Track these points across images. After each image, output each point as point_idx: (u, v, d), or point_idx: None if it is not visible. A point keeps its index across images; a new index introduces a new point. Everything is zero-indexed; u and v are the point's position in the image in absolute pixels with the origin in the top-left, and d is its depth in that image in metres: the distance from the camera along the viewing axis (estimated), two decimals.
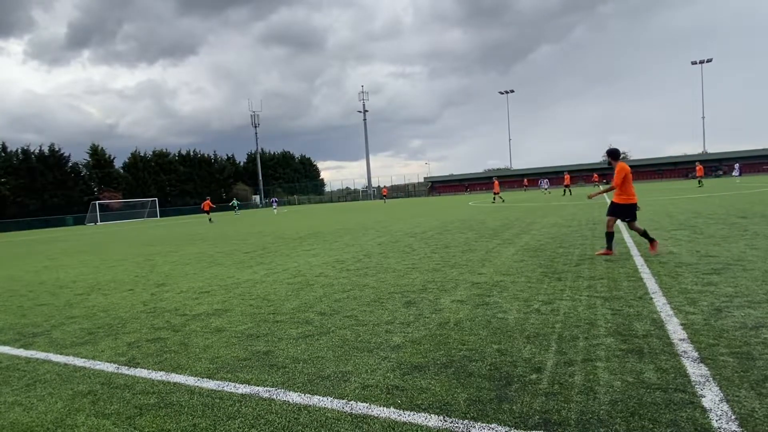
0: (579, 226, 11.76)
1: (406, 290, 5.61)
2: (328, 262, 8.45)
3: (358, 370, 3.18)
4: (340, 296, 5.52)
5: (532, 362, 3.12)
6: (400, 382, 2.93)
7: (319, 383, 3.01)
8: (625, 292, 4.83)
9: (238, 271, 8.05)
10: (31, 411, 2.93)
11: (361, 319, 4.47)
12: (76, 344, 4.29)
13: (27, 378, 3.51)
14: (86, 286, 7.65)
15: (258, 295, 5.90)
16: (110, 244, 17.75)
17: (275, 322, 4.56)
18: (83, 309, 5.83)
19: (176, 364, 3.57)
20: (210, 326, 4.58)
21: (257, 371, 3.30)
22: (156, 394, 3.02)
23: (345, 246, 10.88)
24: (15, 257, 14.68)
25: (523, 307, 4.51)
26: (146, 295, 6.48)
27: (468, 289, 5.42)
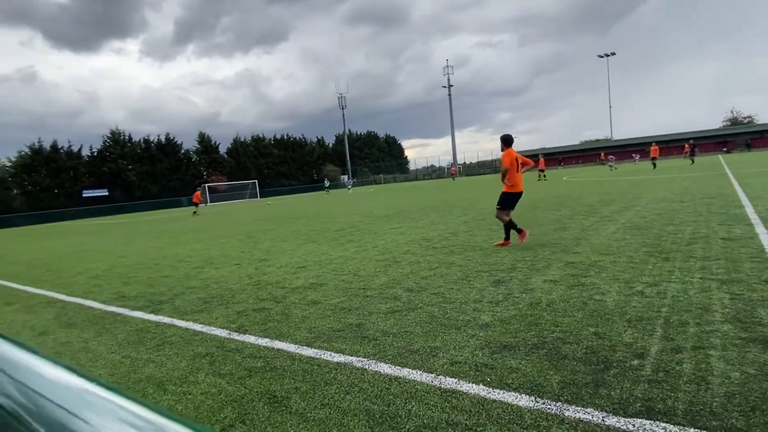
0: (692, 201, 10.54)
1: (494, 269, 5.50)
2: (415, 239, 8.52)
3: (447, 346, 3.22)
4: (427, 273, 5.56)
5: (633, 347, 2.91)
6: (489, 360, 2.91)
7: (408, 357, 3.10)
8: (747, 274, 4.28)
9: (331, 248, 8.44)
10: (161, 367, 3.39)
11: (449, 296, 4.48)
12: (195, 311, 4.85)
13: (157, 339, 4.06)
14: (200, 260, 8.56)
15: (349, 271, 6.16)
16: (218, 223, 19.57)
17: (365, 297, 4.74)
18: (199, 281, 6.54)
19: (279, 332, 3.89)
20: (307, 299, 4.90)
21: (350, 342, 3.48)
22: (262, 359, 3.33)
23: (431, 224, 10.88)
24: (142, 235, 16.84)
25: (624, 288, 4.20)
26: (251, 269, 7.08)
27: (561, 269, 5.17)
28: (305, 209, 23.38)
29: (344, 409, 2.48)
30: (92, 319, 4.95)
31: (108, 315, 5.08)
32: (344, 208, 20.06)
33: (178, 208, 55.73)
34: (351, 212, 17.49)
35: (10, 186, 51.66)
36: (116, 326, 4.59)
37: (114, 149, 60.73)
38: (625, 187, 17.21)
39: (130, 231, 19.86)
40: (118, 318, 4.91)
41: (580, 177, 30.26)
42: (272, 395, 2.74)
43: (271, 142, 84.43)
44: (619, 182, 20.59)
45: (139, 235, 16.58)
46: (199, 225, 19.14)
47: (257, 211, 26.32)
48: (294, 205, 30.68)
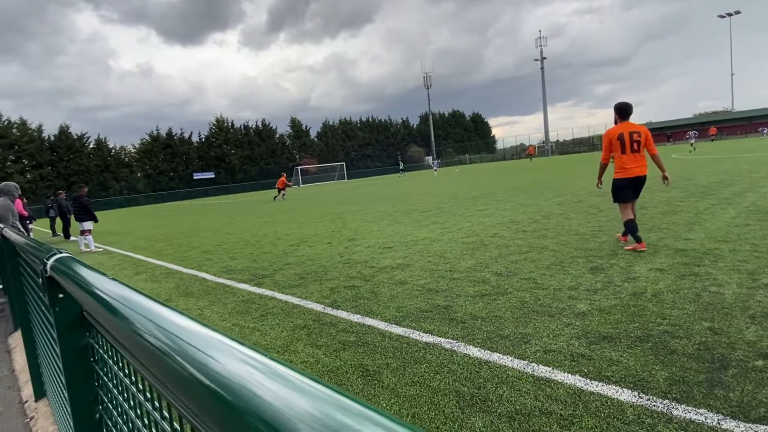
0: None
1: (592, 255, 5.17)
2: (503, 222, 8.28)
3: (539, 333, 3.12)
4: (517, 258, 5.40)
5: (757, 347, 2.58)
6: (586, 351, 2.77)
7: (498, 341, 3.05)
8: None
9: (416, 229, 8.51)
10: (265, 336, 3.71)
11: (541, 282, 4.32)
12: (293, 286, 5.20)
13: (261, 310, 4.43)
14: (296, 238, 9.12)
15: (435, 253, 6.17)
16: (310, 203, 20.61)
17: (452, 279, 4.73)
18: (295, 258, 6.98)
19: (368, 309, 4.04)
20: (394, 279, 5.02)
21: (438, 323, 3.51)
22: (354, 333, 3.50)
23: (520, 206, 10.47)
24: (244, 213, 18.29)
25: (747, 280, 3.72)
26: (341, 248, 7.40)
27: (670, 257, 4.72)
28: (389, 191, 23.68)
29: (434, 387, 2.53)
30: (206, 290, 5.53)
31: (218, 286, 5.64)
32: (428, 190, 20.00)
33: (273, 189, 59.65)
34: (435, 194, 17.40)
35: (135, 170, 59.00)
36: (226, 296, 5.09)
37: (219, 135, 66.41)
38: (750, 165, 15.02)
39: (233, 210, 21.70)
40: (227, 289, 5.43)
41: (694, 154, 26.95)
42: (365, 369, 2.87)
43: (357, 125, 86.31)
44: (740, 160, 18.02)
45: (242, 215, 18.04)
46: (292, 205, 20.32)
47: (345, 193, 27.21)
48: (379, 186, 31.22)
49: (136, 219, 23.90)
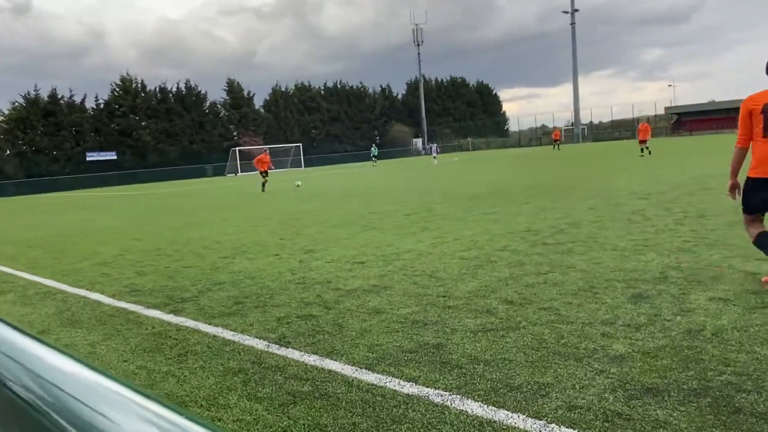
0: None
1: (634, 278, 5.28)
2: (516, 231, 8.40)
3: (562, 383, 3.16)
4: (534, 280, 5.48)
5: None
6: (624, 408, 2.83)
7: (506, 394, 3.09)
8: None
9: (398, 238, 8.55)
10: (184, 384, 3.65)
11: (565, 314, 4.39)
12: (224, 314, 5.15)
13: (179, 347, 4.37)
14: (231, 247, 9.04)
15: (423, 271, 6.21)
16: (252, 198, 20.47)
17: (447, 308, 4.76)
18: (229, 274, 6.92)
19: (330, 347, 4.03)
20: (367, 306, 5.02)
21: (426, 368, 3.53)
22: (310, 381, 3.48)
23: (539, 210, 10.64)
24: (160, 211, 18.04)
25: None
26: (294, 262, 7.37)
27: (738, 283, 4.86)
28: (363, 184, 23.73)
29: None
30: (100, 317, 5.42)
31: (119, 313, 5.53)
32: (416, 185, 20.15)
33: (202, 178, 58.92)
34: (425, 190, 17.52)
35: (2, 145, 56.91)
36: (129, 327, 4.99)
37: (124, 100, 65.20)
38: None
39: (144, 206, 21.36)
40: (131, 317, 5.33)
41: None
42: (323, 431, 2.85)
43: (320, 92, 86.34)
44: None
45: (156, 212, 17.78)
46: (228, 201, 20.15)
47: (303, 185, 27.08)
48: (350, 177, 31.21)
49: (2, 216, 23.24)
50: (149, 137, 65.58)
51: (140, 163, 63.17)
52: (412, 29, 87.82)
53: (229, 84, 77.83)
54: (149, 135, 65.70)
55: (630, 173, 17.74)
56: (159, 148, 66.24)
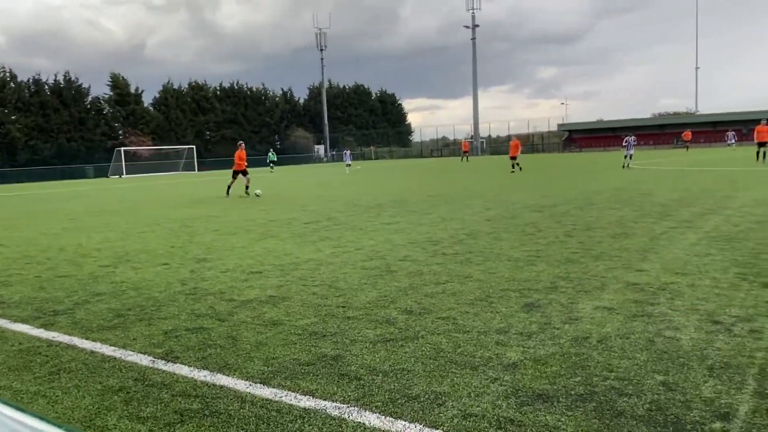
0: None
1: (527, 288, 5.58)
2: (417, 241, 8.60)
3: (458, 392, 3.27)
4: (433, 290, 5.63)
5: (715, 405, 2.99)
6: (516, 415, 2.97)
7: (404, 404, 3.15)
8: None
9: (298, 247, 8.49)
10: (56, 405, 3.40)
11: (462, 323, 4.54)
12: (104, 328, 4.86)
13: (50, 365, 4.06)
14: (113, 256, 8.55)
15: (323, 281, 6.21)
16: (139, 203, 19.50)
17: (346, 319, 4.79)
18: (110, 285, 6.54)
19: (223, 362, 3.92)
20: (263, 317, 4.94)
21: (324, 381, 3.52)
22: (199, 399, 3.36)
23: (440, 220, 10.96)
24: (30, 216, 16.72)
25: (706, 323, 4.29)
26: (184, 271, 7.11)
27: (620, 292, 5.26)
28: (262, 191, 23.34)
29: None
30: None
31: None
32: (318, 192, 20.12)
33: (82, 179, 55.34)
34: (327, 197, 17.52)
35: None
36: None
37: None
38: (714, 181, 17.43)
39: (12, 209, 19.72)
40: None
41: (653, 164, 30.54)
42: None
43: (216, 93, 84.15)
44: (703, 174, 20.84)
45: (26, 216, 16.47)
46: (112, 205, 19.06)
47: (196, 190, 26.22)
48: None
49: None
50: (19, 133, 60.69)
51: (9, 161, 58.29)
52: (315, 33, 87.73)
53: (113, 79, 73.82)
54: (19, 131, 60.81)
55: (525, 187, 18.75)
56: (31, 146, 61.51)
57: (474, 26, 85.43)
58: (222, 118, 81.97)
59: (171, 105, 78.02)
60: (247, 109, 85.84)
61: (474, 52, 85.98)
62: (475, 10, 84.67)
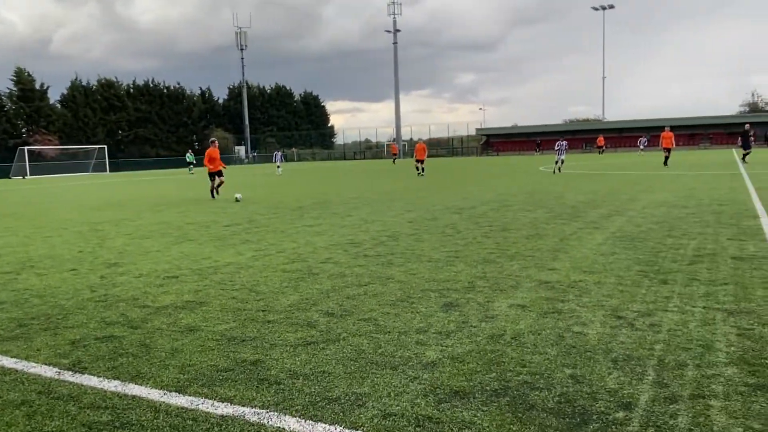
0: (698, 207, 11.55)
1: (446, 288, 5.71)
2: (339, 243, 8.61)
3: (378, 392, 3.30)
4: (355, 292, 5.66)
5: (618, 395, 3.17)
6: (434, 412, 3.03)
7: (325, 407, 3.14)
8: (758, 304, 4.80)
9: (217, 251, 8.30)
10: None
11: (383, 324, 4.59)
12: (5, 339, 4.56)
13: None
14: (15, 261, 8.04)
15: (243, 285, 6.11)
16: (45, 205, 18.41)
17: (266, 323, 4.73)
18: (12, 293, 6.15)
19: (135, 371, 3.77)
20: (179, 324, 4.80)
21: (242, 386, 3.46)
22: (109, 410, 3.22)
23: (362, 222, 11.02)
24: None
25: (611, 318, 4.54)
26: (94, 277, 6.79)
27: (533, 291, 5.48)
28: (179, 193, 22.69)
29: None
30: None
31: None
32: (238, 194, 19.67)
33: None
34: (248, 199, 17.23)
35: None
36: None
37: None
38: (619, 184, 18.44)
39: None
40: None
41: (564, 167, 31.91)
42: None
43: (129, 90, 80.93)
44: (611, 178, 22.02)
45: None
46: (14, 208, 17.88)
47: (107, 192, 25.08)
48: (164, 185, 29.58)
49: None
50: None
51: None
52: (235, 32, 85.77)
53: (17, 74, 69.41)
54: None
55: (445, 189, 19.15)
56: None
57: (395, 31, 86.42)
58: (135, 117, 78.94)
59: (80, 102, 74.36)
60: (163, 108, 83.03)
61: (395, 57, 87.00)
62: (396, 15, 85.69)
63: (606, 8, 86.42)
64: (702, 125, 69.99)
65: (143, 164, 68.79)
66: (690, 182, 17.97)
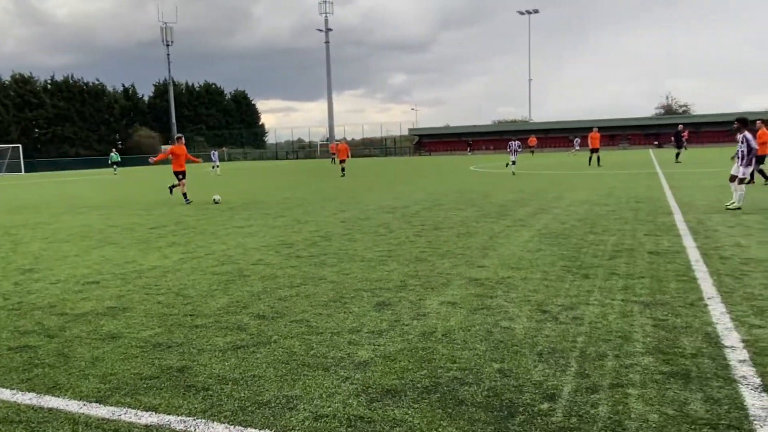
0: (617, 204, 12.11)
1: (379, 287, 5.74)
2: (271, 244, 8.51)
3: (310, 394, 3.28)
4: (287, 293, 5.60)
5: (543, 387, 3.28)
6: (366, 412, 3.04)
7: (255, 411, 3.09)
8: (672, 296, 5.08)
9: (141, 254, 8.04)
10: None
11: (316, 325, 4.57)
12: None
13: None
14: None
15: (169, 289, 5.94)
16: None
17: (194, 327, 4.61)
18: None
19: (52, 382, 3.59)
20: (100, 331, 4.61)
21: (168, 394, 3.35)
22: (23, 424, 3.05)
23: (295, 223, 10.93)
24: None
25: (537, 313, 4.69)
26: (7, 284, 6.45)
27: (463, 288, 5.59)
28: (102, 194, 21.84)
29: None
30: None
31: None
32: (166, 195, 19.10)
33: None
34: (175, 200, 16.73)
35: None
36: None
37: None
38: (545, 183, 19.09)
39: None
40: None
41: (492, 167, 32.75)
42: None
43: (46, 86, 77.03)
44: (538, 177, 22.76)
45: None
46: None
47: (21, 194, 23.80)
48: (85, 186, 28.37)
49: None
50: None
51: None
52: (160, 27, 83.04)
53: None
54: None
55: (378, 189, 19.25)
56: None
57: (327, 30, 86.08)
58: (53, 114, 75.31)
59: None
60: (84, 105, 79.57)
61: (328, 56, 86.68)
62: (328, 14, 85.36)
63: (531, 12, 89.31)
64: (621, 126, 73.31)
65: (62, 164, 65.56)
66: (610, 181, 18.81)
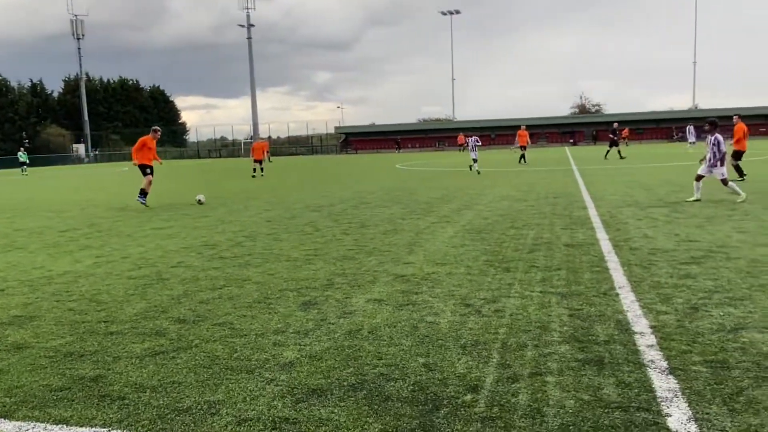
0: (536, 200, 12.57)
1: (305, 286, 5.70)
2: (192, 246, 8.29)
3: (233, 398, 3.21)
4: (209, 296, 5.48)
5: (467, 379, 3.35)
6: (291, 413, 3.01)
7: (174, 419, 2.99)
8: (586, 286, 5.33)
9: (51, 260, 7.66)
10: None
11: (239, 327, 4.49)
12: None
13: None
14: None
15: (82, 295, 5.69)
16: None
17: (109, 334, 4.44)
18: None
19: None
20: (5, 342, 4.36)
21: (81, 406, 3.19)
22: None
23: (218, 223, 10.70)
24: None
25: (461, 307, 4.80)
26: None
27: (390, 285, 5.64)
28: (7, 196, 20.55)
29: None
30: None
31: None
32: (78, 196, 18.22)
33: None
34: (89, 202, 16.00)
35: None
36: None
37: None
38: (469, 180, 19.55)
39: None
40: None
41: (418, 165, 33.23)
42: None
43: None
44: (462, 174, 23.28)
45: None
46: None
47: None
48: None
49: None
50: None
51: None
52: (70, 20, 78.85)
53: None
54: None
55: (304, 188, 19.12)
56: None
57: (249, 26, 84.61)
58: None
59: None
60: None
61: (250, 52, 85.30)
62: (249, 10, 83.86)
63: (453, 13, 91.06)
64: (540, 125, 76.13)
65: None
66: (530, 178, 19.51)
